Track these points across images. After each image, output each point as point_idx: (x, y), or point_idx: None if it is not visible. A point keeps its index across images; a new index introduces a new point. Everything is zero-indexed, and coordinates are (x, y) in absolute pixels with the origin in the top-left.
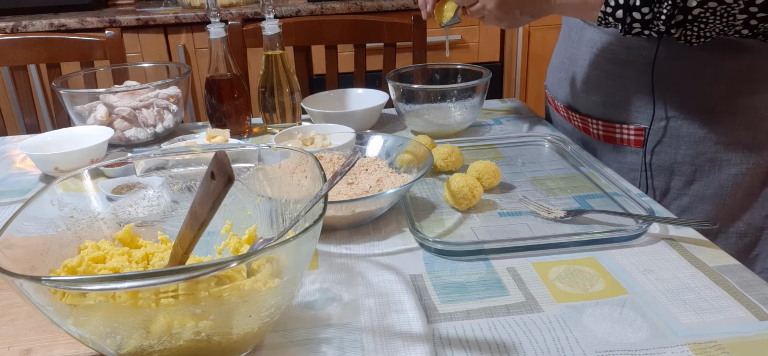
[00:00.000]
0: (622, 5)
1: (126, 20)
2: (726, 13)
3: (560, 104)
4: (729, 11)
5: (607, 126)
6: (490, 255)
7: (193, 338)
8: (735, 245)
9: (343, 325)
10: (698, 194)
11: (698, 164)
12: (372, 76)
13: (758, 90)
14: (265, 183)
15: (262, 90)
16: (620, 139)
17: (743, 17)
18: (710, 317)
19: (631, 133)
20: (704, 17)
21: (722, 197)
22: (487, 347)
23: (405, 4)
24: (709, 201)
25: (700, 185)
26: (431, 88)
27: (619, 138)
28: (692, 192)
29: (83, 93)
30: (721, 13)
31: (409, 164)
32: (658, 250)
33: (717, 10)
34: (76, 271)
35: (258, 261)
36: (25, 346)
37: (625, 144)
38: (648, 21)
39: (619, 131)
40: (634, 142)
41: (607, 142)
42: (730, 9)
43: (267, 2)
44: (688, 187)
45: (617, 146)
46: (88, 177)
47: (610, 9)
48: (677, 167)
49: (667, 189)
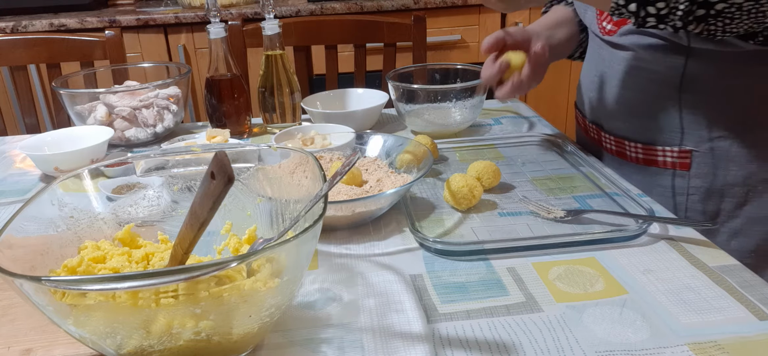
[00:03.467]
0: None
1: (126, 20)
2: (754, 9)
3: (592, 125)
4: (759, 6)
5: (648, 149)
6: (490, 255)
7: (193, 338)
8: None
9: (343, 325)
10: (751, 216)
11: (751, 185)
12: (372, 76)
13: None
14: (265, 183)
15: (262, 90)
16: (663, 162)
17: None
18: (710, 317)
19: (674, 155)
20: (729, 12)
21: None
22: (487, 347)
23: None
24: (764, 222)
25: (753, 207)
26: (431, 88)
27: (661, 161)
28: (744, 214)
29: (83, 93)
30: (749, 9)
31: (409, 164)
32: (658, 250)
33: (744, 5)
34: (76, 271)
35: (258, 261)
36: (25, 346)
37: (667, 167)
38: (664, 15)
39: (661, 153)
40: (680, 165)
41: (647, 165)
42: (761, 4)
43: (267, 2)
44: (740, 209)
45: (659, 169)
46: (88, 177)
47: (624, 0)
48: (728, 189)
49: (717, 212)
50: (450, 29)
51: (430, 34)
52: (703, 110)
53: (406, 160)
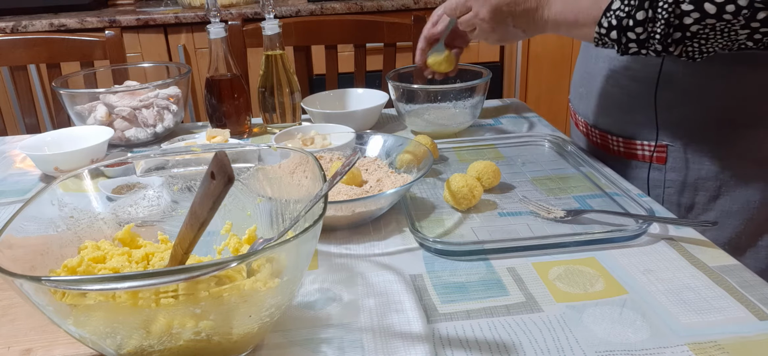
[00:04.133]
0: (615, 26)
1: (126, 20)
2: (727, 29)
3: (581, 119)
4: (730, 27)
5: (628, 143)
6: (490, 255)
7: (193, 338)
8: (766, 259)
9: (343, 325)
10: (724, 210)
11: (723, 180)
12: (372, 77)
13: None
14: (265, 183)
15: (262, 90)
16: (642, 156)
17: (746, 32)
18: (710, 317)
19: (652, 149)
20: (704, 34)
21: (750, 212)
22: (487, 347)
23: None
24: (735, 216)
25: (725, 201)
26: (431, 88)
27: (640, 155)
28: (718, 207)
29: (83, 93)
30: (722, 29)
31: (409, 164)
32: (658, 250)
33: (716, 26)
34: (76, 271)
35: (258, 261)
36: (25, 346)
37: (646, 161)
38: (644, 41)
39: (640, 147)
40: (656, 159)
41: (628, 159)
42: (731, 25)
43: (267, 2)
44: (714, 202)
45: (639, 162)
46: (88, 177)
47: (605, 30)
48: (701, 183)
49: (691, 205)
50: None
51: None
52: (677, 107)
53: (406, 160)
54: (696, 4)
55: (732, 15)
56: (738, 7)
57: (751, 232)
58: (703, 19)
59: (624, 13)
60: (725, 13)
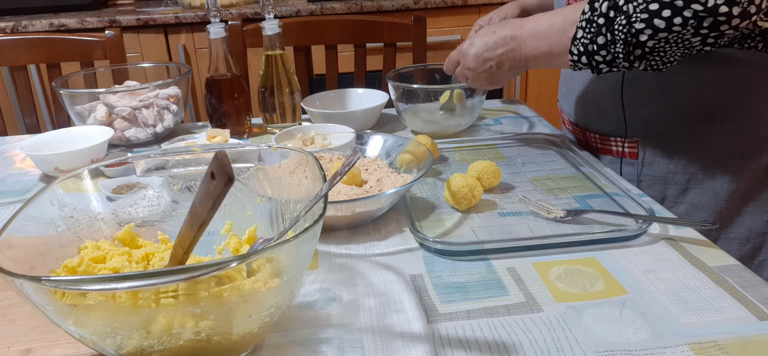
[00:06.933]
0: (583, 52)
1: (126, 20)
2: (680, 40)
3: (566, 118)
4: (683, 37)
5: (604, 139)
6: (490, 255)
7: (193, 338)
8: (738, 250)
9: (343, 325)
10: (693, 203)
11: (691, 173)
12: (372, 77)
13: (747, 99)
14: (265, 183)
15: (262, 90)
16: (616, 151)
17: (698, 39)
18: (710, 317)
19: (625, 145)
20: (661, 47)
21: (718, 204)
22: (487, 347)
23: (405, 4)
24: (704, 209)
25: (694, 194)
26: (431, 88)
27: (615, 150)
28: (688, 200)
29: (83, 93)
30: (676, 40)
31: (409, 164)
32: (658, 250)
33: (669, 38)
34: (76, 271)
35: (258, 261)
36: (25, 346)
37: (621, 156)
38: (610, 61)
39: (614, 143)
40: (629, 154)
41: (606, 154)
42: (683, 35)
43: (267, 2)
44: (684, 195)
45: (615, 158)
46: (88, 177)
47: (576, 57)
48: (670, 177)
49: (662, 198)
50: (450, 29)
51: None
52: (642, 104)
53: (406, 160)
54: (647, 22)
55: (681, 27)
56: (684, 19)
57: (721, 224)
58: (656, 34)
59: (587, 40)
60: (674, 25)
